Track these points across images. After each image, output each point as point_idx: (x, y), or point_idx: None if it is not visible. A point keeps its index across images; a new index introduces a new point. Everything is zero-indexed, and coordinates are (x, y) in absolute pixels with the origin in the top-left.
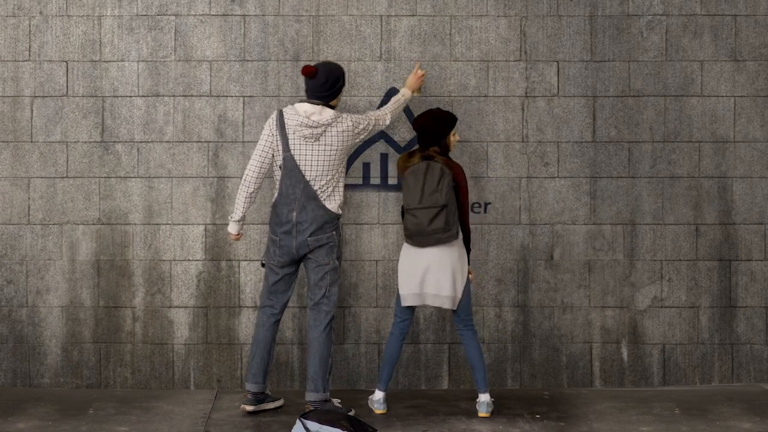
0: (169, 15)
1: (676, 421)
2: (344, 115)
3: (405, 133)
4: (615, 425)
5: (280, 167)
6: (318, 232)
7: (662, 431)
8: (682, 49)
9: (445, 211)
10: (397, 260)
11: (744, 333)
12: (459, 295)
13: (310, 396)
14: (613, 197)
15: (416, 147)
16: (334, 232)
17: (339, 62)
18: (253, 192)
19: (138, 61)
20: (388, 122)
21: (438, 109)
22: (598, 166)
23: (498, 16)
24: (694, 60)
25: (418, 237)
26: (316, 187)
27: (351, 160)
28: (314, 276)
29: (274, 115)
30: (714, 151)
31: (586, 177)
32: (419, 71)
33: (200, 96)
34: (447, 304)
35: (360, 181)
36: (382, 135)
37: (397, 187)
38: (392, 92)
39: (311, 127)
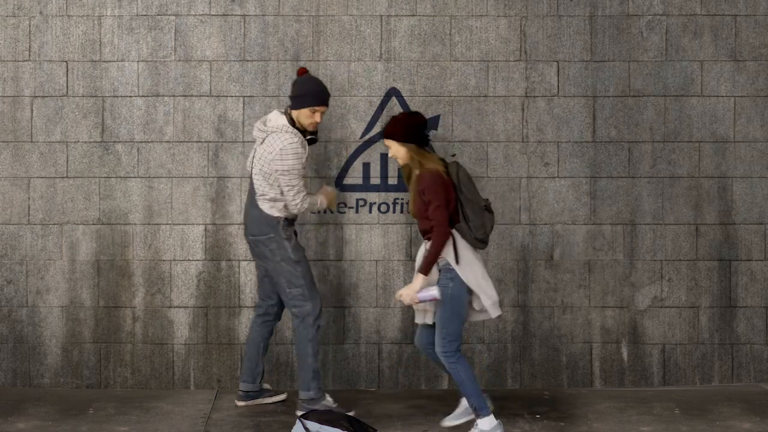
0: (169, 15)
1: (676, 421)
2: (285, 137)
3: None
4: (615, 425)
5: None
6: (256, 233)
7: (662, 431)
8: (682, 49)
9: None
10: (397, 260)
11: (744, 333)
12: None
13: (299, 394)
14: (613, 197)
15: (429, 151)
16: (272, 235)
17: (339, 62)
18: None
19: (138, 61)
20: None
21: None
22: (598, 166)
23: (498, 16)
24: (694, 60)
25: (488, 237)
26: (255, 188)
27: (351, 160)
28: (270, 283)
29: None
30: (714, 151)
31: (586, 177)
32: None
33: (200, 96)
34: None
35: (360, 181)
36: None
37: (396, 187)
38: (392, 92)
39: (260, 130)
